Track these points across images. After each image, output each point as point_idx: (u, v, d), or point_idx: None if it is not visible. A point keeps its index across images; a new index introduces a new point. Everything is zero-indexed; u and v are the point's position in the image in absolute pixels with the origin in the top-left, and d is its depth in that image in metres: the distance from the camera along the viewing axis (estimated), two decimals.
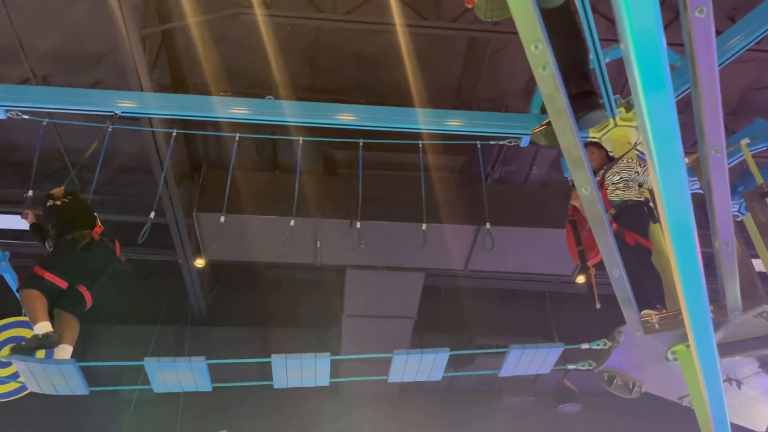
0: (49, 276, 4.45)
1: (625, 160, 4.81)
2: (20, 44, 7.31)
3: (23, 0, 6.96)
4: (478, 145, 5.78)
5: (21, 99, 5.16)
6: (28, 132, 8.52)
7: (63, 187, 5.25)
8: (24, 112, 5.19)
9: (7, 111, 5.11)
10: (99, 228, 4.92)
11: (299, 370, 3.65)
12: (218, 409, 9.47)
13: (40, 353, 4.45)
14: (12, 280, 6.36)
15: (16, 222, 9.30)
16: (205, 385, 3.78)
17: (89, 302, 4.85)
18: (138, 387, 4.10)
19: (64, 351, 4.40)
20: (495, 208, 7.73)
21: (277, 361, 3.62)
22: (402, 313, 9.21)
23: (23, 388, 7.13)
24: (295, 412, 9.89)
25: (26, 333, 7.52)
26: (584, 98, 2.76)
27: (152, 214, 4.98)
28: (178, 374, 3.64)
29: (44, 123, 5.30)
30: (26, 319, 7.01)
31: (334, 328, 9.77)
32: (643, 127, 2.02)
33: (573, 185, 5.01)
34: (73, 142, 8.62)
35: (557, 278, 9.94)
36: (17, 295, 4.63)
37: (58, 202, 5.05)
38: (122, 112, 5.46)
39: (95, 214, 5.11)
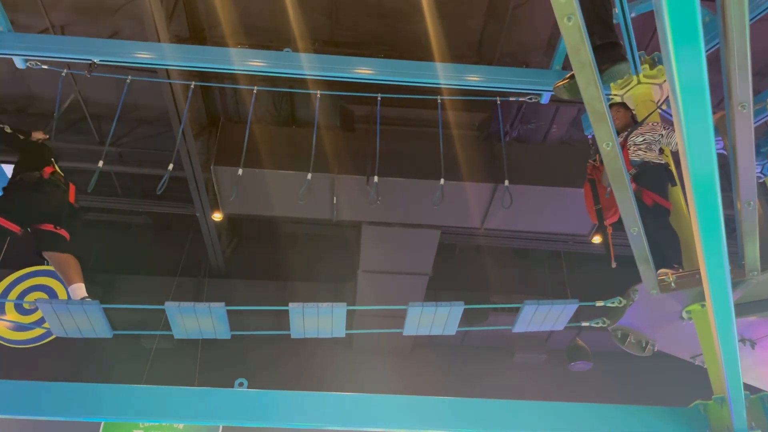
0: (2, 221, 4.40)
1: (649, 123, 4.74)
2: None
3: None
4: (498, 102, 5.71)
5: (40, 48, 5.15)
6: (47, 83, 8.56)
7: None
8: (43, 62, 5.18)
9: (26, 61, 5.11)
10: (50, 168, 4.83)
11: (316, 320, 3.71)
12: (235, 360, 9.71)
13: (63, 294, 4.53)
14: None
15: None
16: (224, 332, 3.86)
17: (66, 236, 4.77)
18: (159, 333, 4.19)
19: (79, 290, 4.48)
20: (513, 166, 7.68)
21: (294, 309, 3.68)
22: (417, 269, 9.26)
23: (45, 335, 7.33)
24: (309, 365, 10.11)
25: (48, 281, 7.71)
26: (609, 50, 2.71)
27: (170, 167, 5.00)
28: (198, 320, 3.72)
29: (63, 74, 5.30)
30: (47, 268, 7.17)
31: (350, 283, 9.88)
32: (672, 80, 1.98)
33: (593, 143, 4.96)
34: (92, 94, 8.65)
35: (573, 238, 9.91)
36: None
37: (10, 132, 4.99)
38: (140, 63, 5.44)
39: (52, 158, 5.01)
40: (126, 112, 9.01)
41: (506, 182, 5.31)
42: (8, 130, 4.92)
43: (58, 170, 4.93)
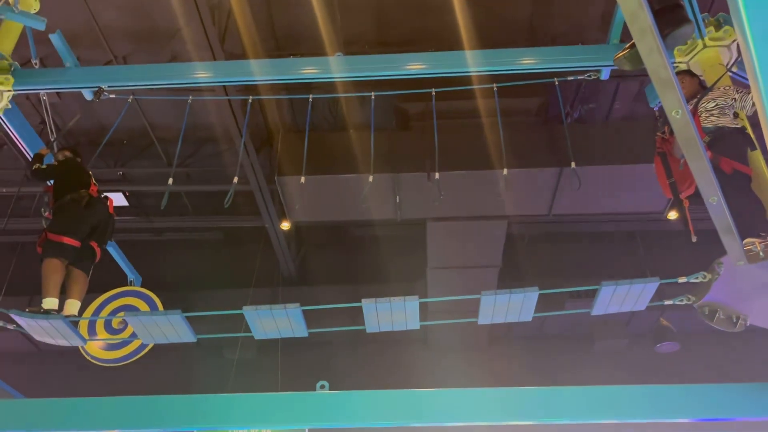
0: (65, 239, 4.73)
1: (720, 88, 4.50)
2: (99, 28, 7.63)
3: None
4: (556, 83, 5.57)
5: (105, 80, 5.39)
6: (115, 112, 8.97)
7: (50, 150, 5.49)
8: (109, 92, 5.42)
9: (93, 92, 5.36)
10: (95, 186, 5.19)
11: (389, 314, 3.76)
12: (315, 365, 9.86)
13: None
14: (117, 253, 6.80)
15: (117, 199, 9.88)
16: (301, 330, 3.97)
17: (98, 256, 5.12)
18: (239, 335, 4.33)
19: (73, 306, 4.75)
20: (577, 148, 7.45)
21: (368, 305, 3.75)
22: (486, 262, 9.16)
23: (134, 353, 7.66)
24: (387, 366, 10.16)
25: (135, 302, 8.05)
26: (670, 13, 2.58)
27: (235, 180, 5.14)
28: (275, 321, 3.86)
29: (129, 100, 5.53)
30: (134, 288, 7.48)
31: (420, 281, 9.87)
32: (743, 34, 1.87)
33: (660, 115, 4.76)
34: (158, 119, 8.99)
35: (647, 216, 9.55)
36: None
37: (46, 167, 5.29)
38: (199, 83, 5.60)
39: (90, 172, 5.35)
40: (190, 133, 9.33)
41: (573, 164, 5.17)
42: (42, 166, 5.22)
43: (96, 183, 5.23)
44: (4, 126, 5.40)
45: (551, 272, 9.91)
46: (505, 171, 5.17)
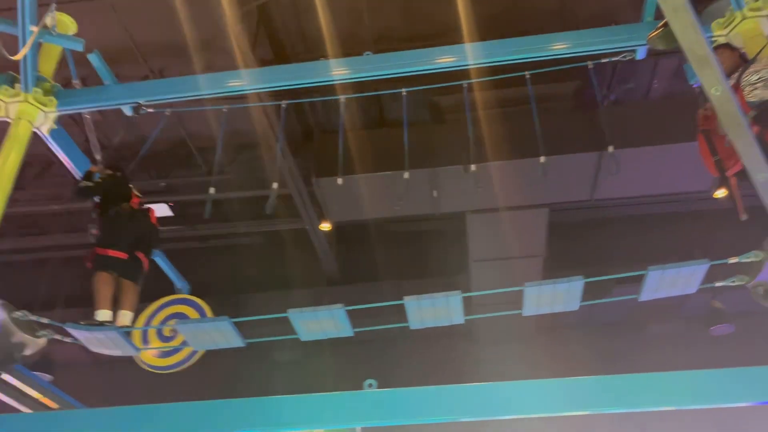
0: (112, 252, 4.89)
1: (763, 60, 4.33)
2: (135, 45, 7.83)
3: (129, 3, 7.41)
4: (590, 66, 5.46)
5: (142, 94, 5.52)
6: (155, 125, 9.19)
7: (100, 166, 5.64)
8: (148, 106, 5.55)
9: (132, 108, 5.50)
10: (136, 198, 5.31)
11: (432, 310, 3.77)
12: (363, 363, 9.92)
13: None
14: (164, 263, 6.97)
15: (161, 210, 10.14)
16: (346, 330, 4.01)
17: (146, 266, 5.26)
18: (285, 337, 4.39)
19: (125, 317, 4.86)
20: (616, 130, 7.33)
21: (410, 302, 3.76)
22: (530, 252, 9.06)
23: (186, 360, 7.85)
24: (434, 362, 10.15)
25: (185, 309, 8.26)
26: None
27: (275, 185, 5.21)
28: (320, 322, 3.91)
29: (167, 113, 5.65)
30: (183, 296, 7.65)
31: (463, 274, 9.82)
32: None
33: (701, 91, 4.62)
34: (196, 129, 9.17)
35: (693, 196, 9.29)
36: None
37: (91, 184, 5.44)
38: (233, 92, 5.68)
39: (131, 185, 5.49)
40: (228, 141, 9.49)
41: (610, 148, 5.06)
42: (89, 184, 5.37)
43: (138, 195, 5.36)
44: (51, 146, 5.58)
45: (597, 259, 9.73)
46: (542, 158, 5.11)
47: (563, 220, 10.14)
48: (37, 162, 9.63)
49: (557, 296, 3.73)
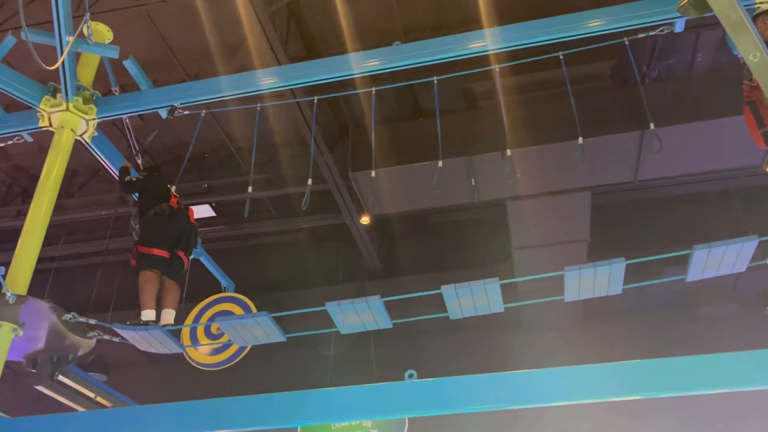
0: (155, 251, 4.98)
1: None
2: (171, 50, 7.97)
3: (163, 9, 7.55)
4: (626, 42, 5.29)
5: (177, 97, 5.60)
6: (194, 127, 9.36)
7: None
8: (183, 108, 5.63)
9: (167, 110, 5.59)
10: (175, 198, 5.38)
11: (471, 299, 3.72)
12: (408, 355, 9.91)
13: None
14: (209, 262, 7.10)
15: (204, 211, 10.35)
16: (384, 322, 4.01)
17: (186, 265, 5.31)
18: (325, 331, 4.42)
19: (169, 315, 4.94)
20: (659, 107, 7.11)
21: (447, 291, 3.72)
22: (573, 237, 8.88)
23: (235, 356, 8.00)
24: (480, 351, 10.05)
25: (231, 307, 8.41)
26: None
27: (309, 181, 5.23)
28: (358, 315, 3.91)
29: (202, 114, 5.73)
30: (229, 294, 7.78)
31: (506, 262, 9.71)
32: None
33: (745, 62, 4.43)
34: (235, 129, 9.30)
35: (743, 171, 8.93)
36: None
37: (135, 179, 5.55)
38: (266, 90, 5.72)
39: (169, 186, 5.54)
40: (266, 139, 9.60)
41: (652, 125, 4.90)
42: (132, 178, 5.49)
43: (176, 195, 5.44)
44: (94, 152, 5.73)
45: (644, 241, 9.49)
46: (580, 140, 4.98)
47: (607, 202, 9.91)
48: (84, 170, 9.93)
49: (599, 280, 3.63)
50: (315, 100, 5.72)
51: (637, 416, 8.79)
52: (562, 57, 5.43)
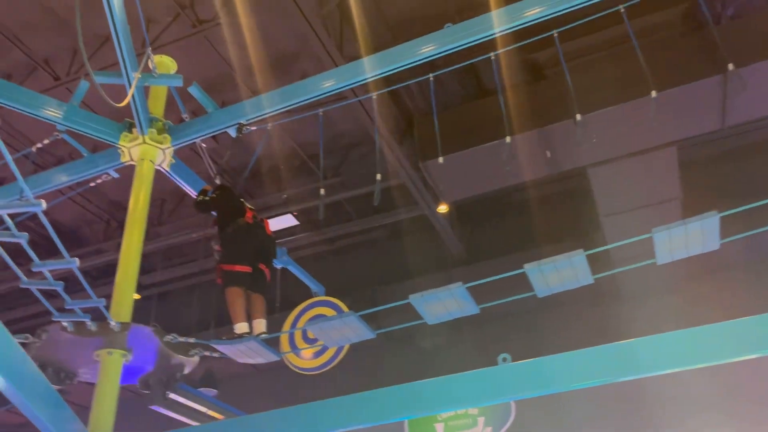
0: (238, 268, 5.08)
1: None
2: (231, 68, 8.21)
3: (219, 32, 7.79)
4: None
5: (242, 115, 5.72)
6: (268, 142, 9.61)
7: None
8: (249, 125, 5.76)
9: (236, 128, 5.73)
10: (250, 212, 5.42)
11: (557, 274, 3.60)
12: (499, 341, 9.71)
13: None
14: (297, 270, 7.26)
15: (287, 221, 10.62)
16: (471, 308, 3.95)
17: (269, 277, 5.39)
18: (411, 323, 4.43)
19: (260, 324, 5.02)
20: (740, 46, 6.62)
21: (531, 269, 3.62)
22: (664, 196, 8.43)
23: (333, 358, 8.17)
24: (578, 328, 9.71)
25: (326, 311, 8.58)
26: None
27: (378, 177, 5.23)
28: (443, 304, 3.87)
29: (268, 128, 5.85)
30: (320, 299, 7.92)
31: (597, 232, 9.34)
32: None
33: None
34: (305, 137, 9.46)
35: None
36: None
37: (207, 198, 5.62)
38: (328, 92, 5.74)
39: (242, 200, 5.63)
40: (335, 142, 9.72)
41: (730, 66, 4.56)
42: (205, 198, 5.64)
43: (251, 208, 5.55)
44: (174, 179, 5.98)
45: (741, 191, 8.83)
46: (653, 93, 4.71)
47: (696, 155, 9.34)
48: (170, 197, 10.41)
49: (692, 237, 3.41)
50: (374, 96, 5.71)
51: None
52: (623, 11, 5.15)
